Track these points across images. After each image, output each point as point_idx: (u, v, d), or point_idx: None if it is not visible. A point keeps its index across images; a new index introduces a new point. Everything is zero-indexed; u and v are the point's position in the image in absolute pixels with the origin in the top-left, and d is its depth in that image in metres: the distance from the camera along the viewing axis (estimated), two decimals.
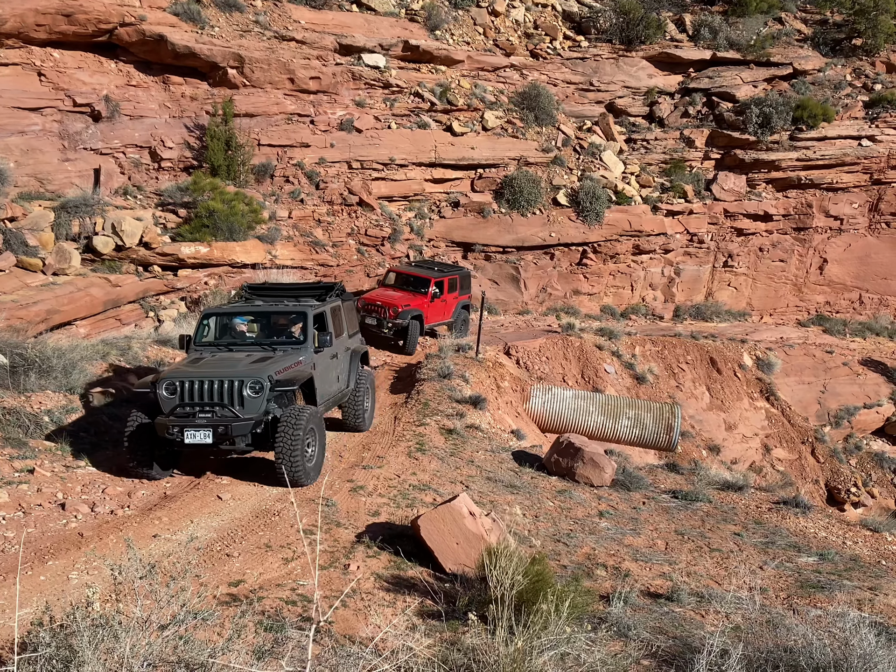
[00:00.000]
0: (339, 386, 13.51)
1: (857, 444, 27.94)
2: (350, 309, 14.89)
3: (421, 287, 22.81)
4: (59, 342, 15.55)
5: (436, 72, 30.86)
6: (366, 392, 14.43)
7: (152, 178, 24.96)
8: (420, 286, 22.86)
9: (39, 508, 10.21)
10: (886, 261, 34.18)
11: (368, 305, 22.02)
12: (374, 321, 21.85)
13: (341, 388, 13.67)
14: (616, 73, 34.45)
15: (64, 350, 14.68)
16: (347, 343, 14.11)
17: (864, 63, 35.88)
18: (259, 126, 26.57)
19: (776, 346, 28.85)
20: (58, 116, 23.37)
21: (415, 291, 22.72)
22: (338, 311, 13.75)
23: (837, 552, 11.61)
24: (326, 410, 12.93)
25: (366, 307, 21.92)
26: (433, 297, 22.79)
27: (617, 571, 9.91)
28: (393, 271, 23.93)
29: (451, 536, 9.01)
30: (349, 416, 14.21)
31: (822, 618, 8.57)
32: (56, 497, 10.62)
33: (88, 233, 20.91)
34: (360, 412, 14.28)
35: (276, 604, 7.82)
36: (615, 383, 24.35)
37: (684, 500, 13.87)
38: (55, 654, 5.13)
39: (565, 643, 6.37)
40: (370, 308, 22.00)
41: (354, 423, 14.29)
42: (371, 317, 21.86)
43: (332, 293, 13.92)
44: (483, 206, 29.47)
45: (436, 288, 22.87)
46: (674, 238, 31.77)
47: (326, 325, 13.03)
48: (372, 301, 22.17)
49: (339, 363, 13.50)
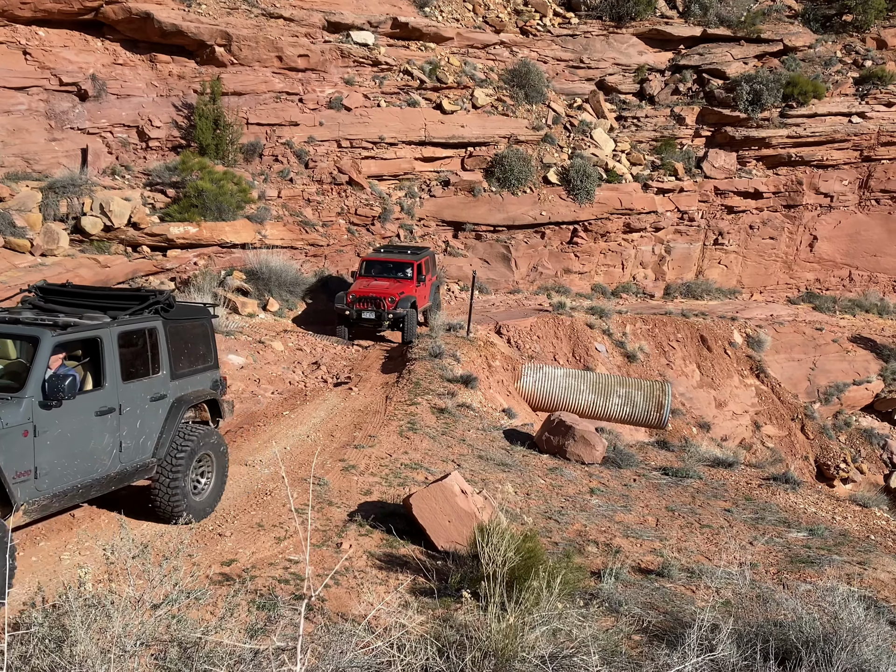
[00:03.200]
0: (110, 460, 8.51)
1: (847, 420, 28.08)
2: (185, 332, 9.83)
3: (400, 272, 22.09)
4: None
5: (425, 49, 30.66)
6: (188, 465, 9.22)
7: (140, 157, 24.80)
8: (400, 271, 22.14)
9: None
10: (876, 238, 34.22)
11: (362, 300, 21.01)
12: (373, 315, 20.89)
13: (125, 461, 8.70)
14: (606, 50, 34.28)
15: None
16: (161, 388, 9.20)
17: (855, 39, 35.75)
18: (247, 105, 26.38)
19: (766, 324, 28.93)
20: (44, 96, 23.17)
21: (397, 277, 21.96)
22: (140, 338, 8.99)
23: (827, 527, 11.69)
24: (65, 506, 8.20)
25: (359, 302, 20.99)
26: (419, 282, 22.06)
27: (608, 548, 9.97)
28: (367, 260, 22.87)
29: (442, 514, 9.04)
30: (159, 498, 9.08)
31: (811, 592, 8.64)
32: None
33: (76, 213, 20.77)
34: (176, 494, 9.08)
35: (269, 582, 7.85)
36: (606, 362, 24.40)
37: (675, 476, 13.94)
38: (48, 633, 5.14)
39: (557, 619, 6.41)
40: (365, 302, 21.00)
41: (166, 508, 9.06)
42: (368, 311, 20.91)
43: (145, 308, 9.19)
44: (473, 184, 29.37)
45: (418, 271, 22.22)
46: (664, 216, 31.75)
47: (102, 360, 8.39)
48: (365, 294, 21.09)
49: (125, 422, 8.66)
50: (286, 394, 16.54)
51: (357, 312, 20.98)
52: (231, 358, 18.19)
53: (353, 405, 15.40)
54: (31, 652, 5.05)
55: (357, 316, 21.02)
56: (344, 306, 21.14)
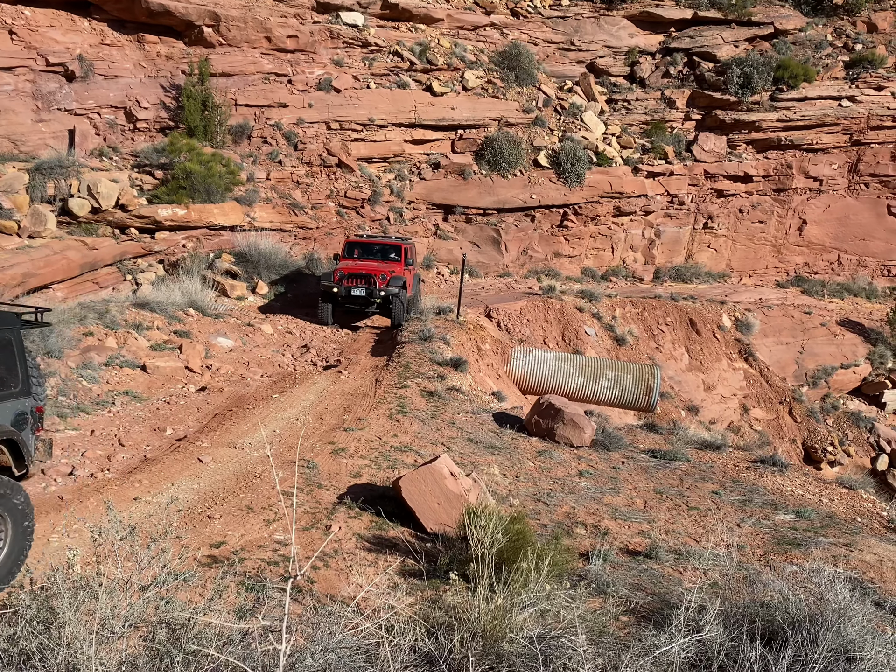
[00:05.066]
0: None
1: (834, 403, 28.22)
2: None
3: (389, 255, 21.36)
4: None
5: (415, 30, 30.49)
6: None
7: (128, 139, 24.64)
8: (388, 254, 21.42)
9: None
10: (865, 222, 34.30)
11: (352, 276, 20.26)
12: (364, 292, 20.08)
13: None
14: (597, 32, 34.15)
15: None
16: None
17: (846, 23, 35.72)
18: (236, 86, 26.22)
19: (755, 308, 29.00)
20: (30, 76, 22.97)
21: (385, 260, 21.21)
22: None
23: (814, 509, 11.76)
24: None
25: (348, 279, 20.23)
26: (407, 265, 21.32)
27: (596, 530, 10.01)
28: (352, 242, 22.10)
29: (432, 497, 9.05)
30: None
31: (797, 573, 8.69)
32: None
33: (64, 195, 20.63)
34: None
35: (258, 564, 7.85)
36: (595, 345, 24.44)
37: (663, 459, 14.00)
38: (36, 615, 5.13)
39: (545, 600, 6.44)
40: (355, 279, 20.24)
41: None
42: (359, 287, 20.12)
43: None
44: (463, 167, 29.28)
45: (406, 254, 21.49)
46: (654, 200, 31.74)
47: None
48: (356, 271, 20.39)
49: None
50: (275, 377, 16.51)
51: (346, 290, 20.15)
52: (220, 341, 18.15)
53: (342, 388, 15.38)
54: (19, 633, 5.05)
55: (346, 294, 20.19)
56: (331, 283, 20.25)
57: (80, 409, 12.76)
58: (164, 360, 15.82)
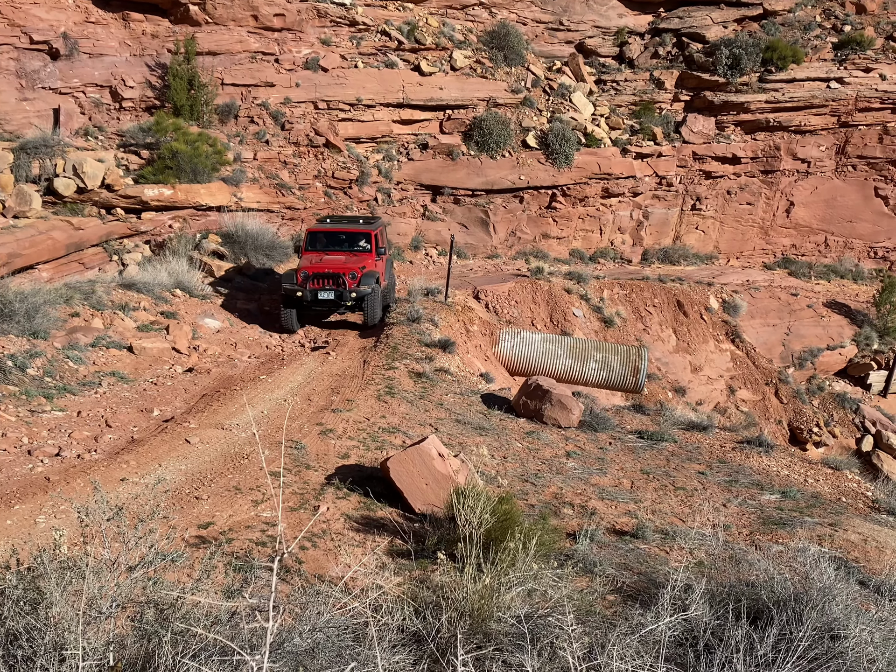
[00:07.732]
0: None
1: (820, 385, 28.38)
2: None
3: (357, 244, 19.19)
4: (21, 286, 15.31)
5: (403, 9, 30.27)
6: None
7: (113, 118, 24.43)
8: (355, 243, 19.19)
9: (4, 453, 10.13)
10: (852, 204, 34.39)
11: (317, 277, 18.03)
12: (332, 295, 17.96)
13: None
14: (586, 12, 33.99)
15: (26, 294, 14.47)
16: None
17: (834, 4, 35.63)
18: (222, 65, 26.01)
19: (742, 289, 29.09)
20: (14, 54, 22.71)
21: (352, 251, 19.01)
22: None
23: (799, 490, 11.84)
24: None
25: (313, 280, 18.02)
26: (378, 254, 19.23)
27: (583, 510, 10.05)
28: (314, 231, 19.53)
29: (420, 477, 9.07)
30: None
31: (783, 553, 8.76)
32: (21, 441, 10.53)
33: (49, 175, 20.46)
34: None
35: (246, 545, 7.86)
36: (583, 326, 24.48)
37: (650, 440, 14.06)
38: (23, 595, 5.12)
39: (532, 580, 6.46)
40: (321, 280, 18.05)
41: None
42: (326, 290, 17.95)
43: None
44: (452, 148, 29.17)
45: (376, 243, 19.26)
46: (643, 181, 31.72)
47: None
48: (321, 271, 18.06)
49: None
50: (263, 358, 16.47)
51: (312, 293, 17.94)
52: (207, 322, 18.08)
53: (330, 369, 15.37)
54: (5, 614, 5.04)
55: (312, 298, 18.00)
56: (295, 286, 17.98)
57: (67, 390, 12.71)
58: (151, 341, 15.76)
